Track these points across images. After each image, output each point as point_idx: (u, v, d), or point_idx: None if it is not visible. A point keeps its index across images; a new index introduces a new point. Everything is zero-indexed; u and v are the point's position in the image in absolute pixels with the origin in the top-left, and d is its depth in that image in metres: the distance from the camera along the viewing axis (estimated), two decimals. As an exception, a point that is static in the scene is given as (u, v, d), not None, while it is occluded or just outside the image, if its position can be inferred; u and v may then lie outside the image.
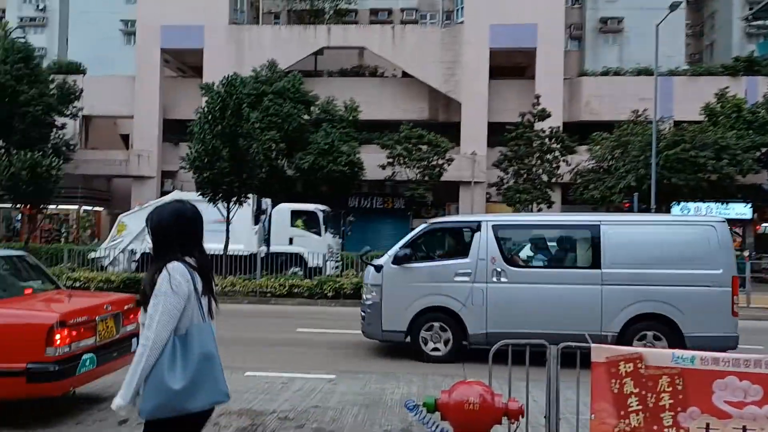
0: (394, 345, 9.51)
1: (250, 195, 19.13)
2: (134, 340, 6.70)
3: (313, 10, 38.10)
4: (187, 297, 2.89)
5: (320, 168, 26.27)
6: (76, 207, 32.63)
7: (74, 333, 5.50)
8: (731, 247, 8.60)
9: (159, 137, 33.09)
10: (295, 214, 20.32)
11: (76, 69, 34.29)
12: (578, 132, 28.96)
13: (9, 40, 28.23)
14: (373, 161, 27.92)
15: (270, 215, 20.58)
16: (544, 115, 26.25)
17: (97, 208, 34.88)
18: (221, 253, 17.53)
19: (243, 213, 19.28)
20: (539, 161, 26.40)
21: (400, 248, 9.21)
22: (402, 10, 40.57)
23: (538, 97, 26.99)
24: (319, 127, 27.88)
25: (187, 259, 2.98)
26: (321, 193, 26.11)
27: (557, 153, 26.51)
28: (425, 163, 27.33)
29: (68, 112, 29.37)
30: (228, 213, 18.33)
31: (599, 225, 8.72)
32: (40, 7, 47.25)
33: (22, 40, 29.32)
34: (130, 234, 20.00)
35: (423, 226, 9.74)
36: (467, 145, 30.75)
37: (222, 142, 17.90)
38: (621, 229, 8.79)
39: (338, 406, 6.53)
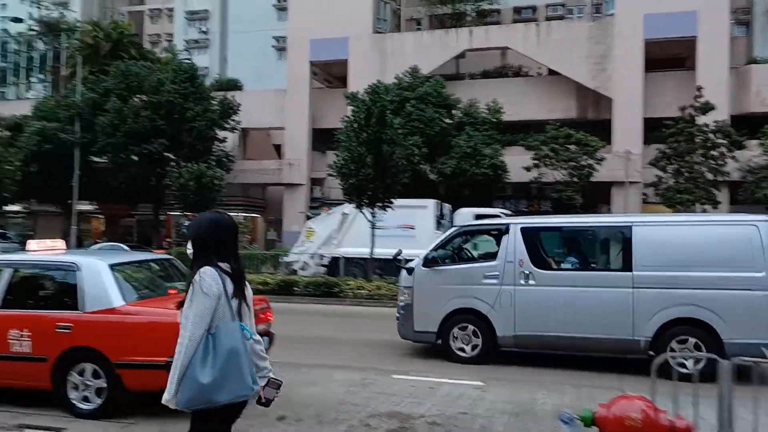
0: (547, 354, 8.99)
1: (393, 200, 19.32)
2: (264, 338, 6.92)
3: (454, 13, 37.98)
4: (217, 298, 3.09)
5: (463, 172, 25.98)
6: (235, 214, 34.95)
7: None
8: None
9: (308, 146, 34.57)
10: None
11: (235, 85, 36.87)
12: (747, 125, 26.18)
13: (177, 62, 30.93)
14: (517, 163, 27.16)
15: (451, 219, 20.75)
16: (707, 108, 24.01)
17: (253, 215, 37.13)
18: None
19: (425, 218, 19.88)
20: (703, 158, 24.16)
21: (430, 251, 9.26)
22: (547, 6, 39.27)
23: (699, 89, 24.78)
24: (461, 131, 27.61)
25: (222, 264, 3.19)
26: (464, 196, 25.77)
27: (723, 149, 24.10)
28: (573, 163, 26.08)
29: (228, 126, 31.57)
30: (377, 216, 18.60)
31: (631, 226, 8.35)
32: (203, 30, 51.49)
33: (188, 62, 32.02)
34: (318, 238, 21.20)
35: (453, 229, 9.90)
36: (620, 143, 28.96)
37: (367, 148, 18.21)
38: (654, 230, 8.40)
39: (487, 414, 6.25)
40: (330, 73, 37.08)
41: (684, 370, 6.62)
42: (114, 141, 28.21)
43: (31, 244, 7.38)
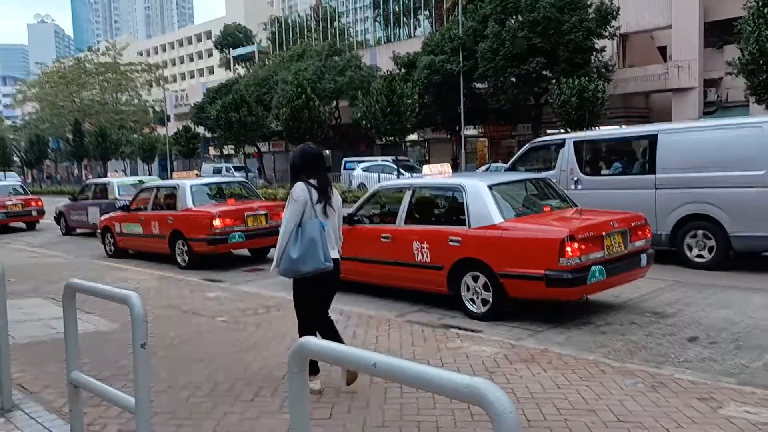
0: None
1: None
2: (642, 255, 6.67)
3: None
4: (303, 203, 4.36)
5: None
6: (616, 127, 33.49)
7: (583, 246, 6.06)
8: None
9: (700, 43, 30.66)
10: None
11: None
12: None
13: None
14: None
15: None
16: None
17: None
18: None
19: None
20: None
21: (509, 164, 11.09)
22: None
23: None
24: None
25: (311, 180, 4.45)
26: None
27: None
28: None
29: (606, 34, 29.97)
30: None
31: (657, 134, 9.35)
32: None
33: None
34: None
35: (526, 146, 11.40)
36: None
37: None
38: (675, 137, 9.18)
39: None
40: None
41: (700, 260, 8.81)
42: (493, 65, 29.49)
43: (425, 168, 8.44)
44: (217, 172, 38.82)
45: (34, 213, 20.03)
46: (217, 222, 10.48)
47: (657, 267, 7.66)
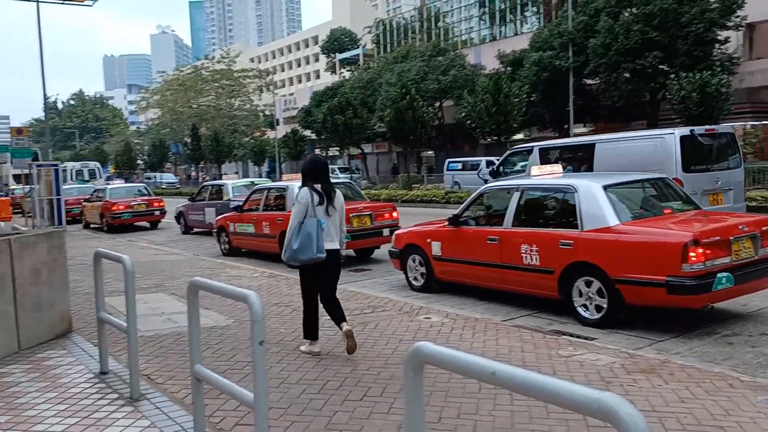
0: None
1: None
2: None
3: None
4: (306, 205, 5.40)
5: None
6: (741, 123, 31.17)
7: (708, 251, 5.69)
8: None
9: (839, 31, 27.94)
10: None
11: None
12: None
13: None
14: None
15: None
16: None
17: (765, 122, 32.38)
18: None
19: None
20: None
21: (493, 169, 14.87)
22: None
23: None
24: None
25: (316, 186, 5.51)
26: None
27: None
28: None
29: (731, 24, 27.97)
30: None
31: (594, 143, 11.65)
32: None
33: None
34: None
35: (506, 152, 14.74)
36: None
37: None
38: (607, 145, 11.36)
39: None
40: None
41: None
42: (605, 61, 28.31)
43: (534, 169, 8.20)
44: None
45: (157, 213, 21.43)
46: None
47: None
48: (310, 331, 5.63)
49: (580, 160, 12.09)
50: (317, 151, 54.16)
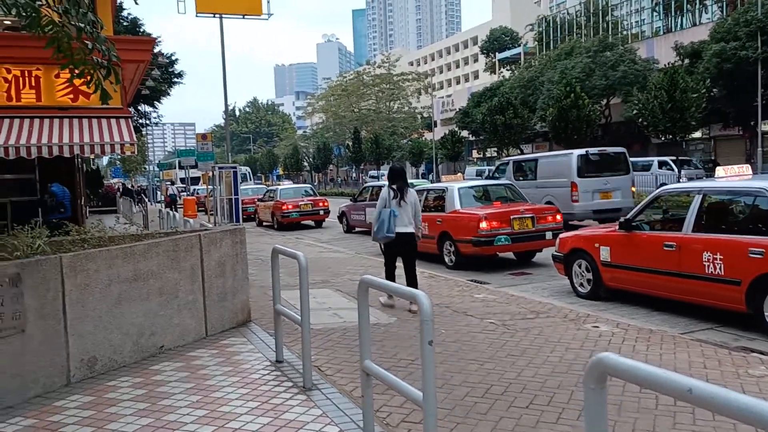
0: None
1: None
2: None
3: None
4: (384, 200, 7.54)
5: None
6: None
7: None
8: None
9: None
10: None
11: None
12: None
13: None
14: None
15: None
16: None
17: None
18: None
19: None
20: None
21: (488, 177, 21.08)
22: None
23: None
24: None
25: (393, 185, 7.58)
26: None
27: None
28: None
29: None
30: None
31: (537, 159, 17.75)
32: None
33: None
34: None
35: (497, 164, 22.20)
36: None
37: None
38: (543, 160, 17.33)
39: None
40: None
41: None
42: (801, 49, 25.25)
43: (719, 170, 7.51)
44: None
45: (321, 212, 22.56)
46: (483, 224, 10.61)
47: None
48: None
49: (532, 170, 17.49)
50: (474, 152, 53.94)
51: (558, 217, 11.43)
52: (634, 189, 16.57)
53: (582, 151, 16.27)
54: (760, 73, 27.48)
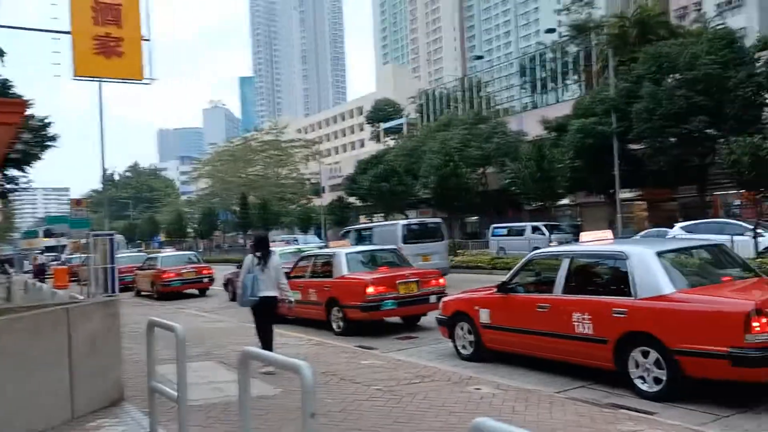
0: None
1: None
2: None
3: None
4: (248, 266, 7.99)
5: None
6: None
7: None
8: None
9: None
10: None
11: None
12: None
13: (710, 31, 28.78)
14: None
15: None
16: None
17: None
18: None
19: None
20: None
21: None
22: None
23: None
24: None
25: (257, 253, 8.07)
26: None
27: None
28: None
29: (779, 87, 27.57)
30: None
31: (373, 227, 21.23)
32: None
33: (723, 27, 29.38)
34: None
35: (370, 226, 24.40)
36: None
37: None
38: (377, 229, 20.51)
39: None
40: None
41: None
42: (650, 126, 28.11)
43: (584, 235, 8.09)
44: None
45: (205, 280, 21.79)
46: (370, 289, 10.69)
47: None
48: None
49: (368, 237, 19.66)
50: (361, 217, 54.79)
51: (441, 280, 11.75)
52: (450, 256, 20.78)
53: (405, 221, 20.25)
54: (616, 146, 30.24)
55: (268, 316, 8.14)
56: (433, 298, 11.07)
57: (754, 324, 5.34)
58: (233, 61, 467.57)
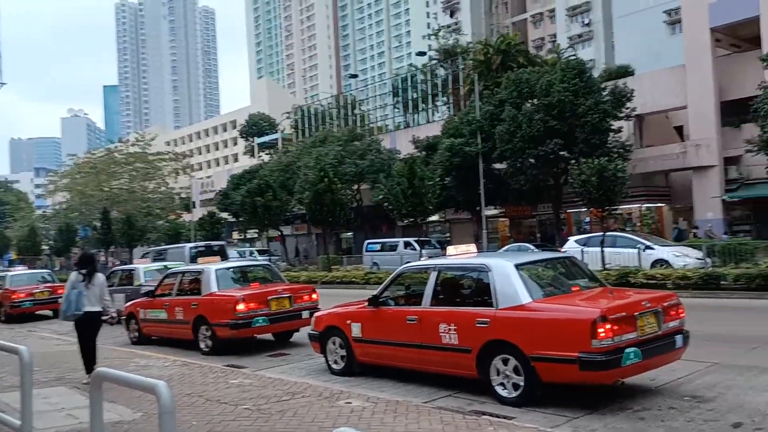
0: None
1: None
2: (677, 336, 6.49)
3: None
4: (73, 282, 8.39)
5: None
6: (638, 205, 33.42)
7: (616, 327, 5.86)
8: None
9: (717, 122, 30.94)
10: None
11: (625, 72, 35.37)
12: None
13: (563, 61, 31.22)
14: None
15: None
16: None
17: (658, 204, 34.87)
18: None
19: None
20: None
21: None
22: None
23: None
24: None
25: (82, 270, 8.52)
26: None
27: None
28: None
29: (622, 115, 30.42)
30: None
31: (167, 249, 24.18)
32: (586, 22, 50.84)
33: (574, 58, 31.97)
34: None
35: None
36: None
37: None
38: (173, 251, 23.89)
39: None
40: (737, 36, 32.55)
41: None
42: (511, 147, 29.91)
43: (450, 249, 8.43)
44: (242, 255, 39.19)
45: (60, 300, 20.21)
46: (241, 306, 10.43)
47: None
48: (89, 367, 8.30)
49: (164, 257, 22.16)
50: (234, 233, 53.40)
51: (314, 296, 11.71)
52: None
53: (192, 244, 24.15)
54: (481, 165, 31.86)
55: (92, 331, 8.56)
56: (305, 314, 10.98)
57: (600, 330, 5.79)
58: (96, 68, 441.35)
